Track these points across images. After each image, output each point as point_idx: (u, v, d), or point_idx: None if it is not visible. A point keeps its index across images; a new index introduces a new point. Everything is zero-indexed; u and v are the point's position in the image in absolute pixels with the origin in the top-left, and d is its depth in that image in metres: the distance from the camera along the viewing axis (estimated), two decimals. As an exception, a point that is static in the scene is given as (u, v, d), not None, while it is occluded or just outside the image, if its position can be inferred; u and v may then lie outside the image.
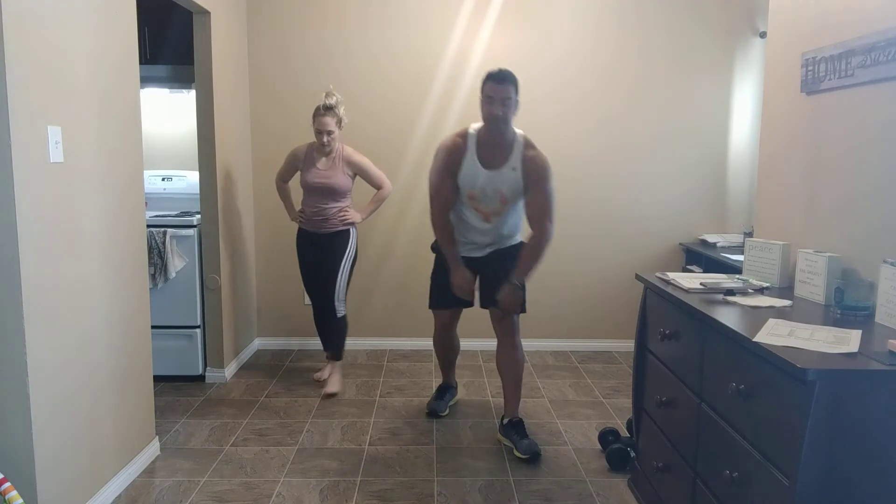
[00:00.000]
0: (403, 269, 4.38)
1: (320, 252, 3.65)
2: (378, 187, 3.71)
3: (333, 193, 3.58)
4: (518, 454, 2.89)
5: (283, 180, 3.78)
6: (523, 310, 3.03)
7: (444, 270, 3.09)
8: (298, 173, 3.67)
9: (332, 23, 4.20)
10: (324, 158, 3.60)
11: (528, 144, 2.88)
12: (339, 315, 3.63)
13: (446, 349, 3.41)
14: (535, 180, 2.84)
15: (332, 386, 3.62)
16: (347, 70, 4.22)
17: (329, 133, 3.51)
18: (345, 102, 3.60)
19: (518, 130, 2.89)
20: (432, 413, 3.33)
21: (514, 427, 2.99)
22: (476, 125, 2.92)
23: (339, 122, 3.56)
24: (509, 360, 3.05)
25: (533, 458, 2.85)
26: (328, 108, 3.51)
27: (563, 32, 4.24)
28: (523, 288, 2.93)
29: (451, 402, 3.46)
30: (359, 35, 4.21)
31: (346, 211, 3.64)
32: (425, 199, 4.27)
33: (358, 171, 3.66)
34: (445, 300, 3.18)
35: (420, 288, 4.38)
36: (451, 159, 2.92)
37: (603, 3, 4.22)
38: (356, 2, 4.19)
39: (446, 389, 3.46)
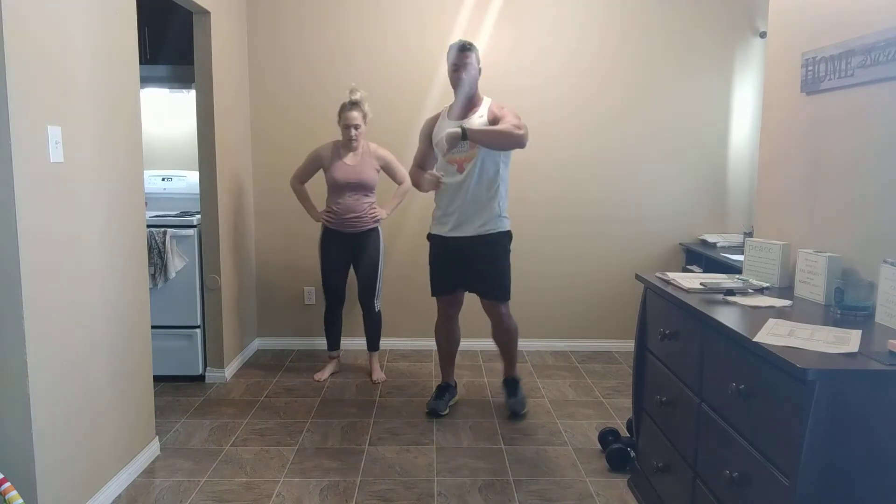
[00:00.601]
0: (403, 269, 4.38)
1: (351, 252, 3.76)
2: (400, 181, 3.76)
3: (364, 188, 3.67)
4: (508, 410, 3.34)
5: (300, 181, 3.77)
6: (507, 296, 3.27)
7: (439, 257, 3.30)
8: (320, 175, 3.74)
9: (333, 23, 4.20)
10: (351, 154, 3.67)
11: (496, 103, 3.20)
12: (377, 310, 3.88)
13: (448, 340, 3.46)
14: (502, 115, 3.08)
15: (379, 374, 3.89)
16: (347, 70, 4.22)
17: (356, 127, 3.59)
18: (369, 98, 3.66)
19: (487, 97, 3.22)
20: (432, 413, 3.33)
21: (507, 385, 3.43)
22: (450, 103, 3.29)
23: (365, 116, 3.63)
24: (502, 333, 3.38)
25: (513, 415, 3.29)
26: (354, 104, 3.58)
27: (563, 34, 4.24)
28: (465, 136, 2.97)
29: (452, 402, 3.46)
30: (359, 35, 4.21)
31: (375, 208, 3.72)
32: (425, 199, 4.32)
33: (383, 166, 3.73)
34: (446, 284, 3.33)
35: (420, 288, 4.39)
36: (426, 127, 3.33)
37: (603, 4, 4.22)
38: (356, 1, 4.19)
39: (446, 389, 3.46)
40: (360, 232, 3.69)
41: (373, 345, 3.94)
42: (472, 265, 3.21)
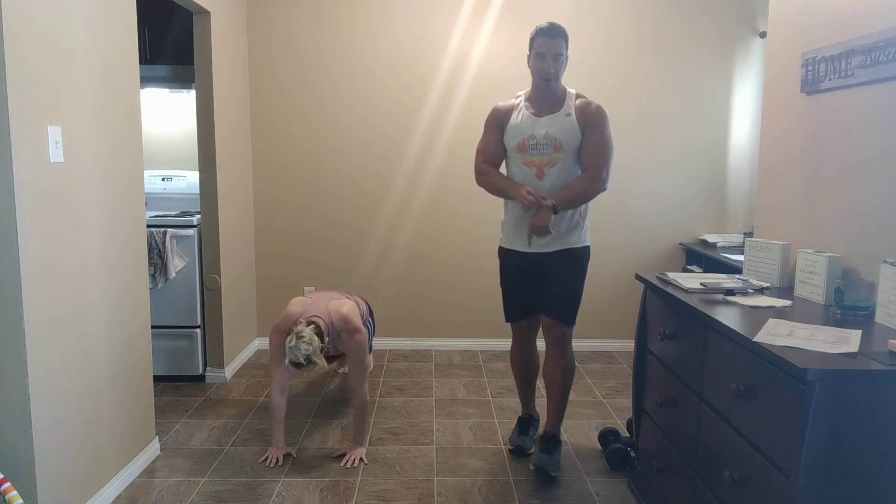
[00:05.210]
0: (403, 269, 4.38)
1: None
2: (352, 390, 2.91)
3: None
4: (531, 465, 2.79)
5: (278, 386, 2.86)
6: (573, 320, 2.82)
7: (516, 277, 2.85)
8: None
9: (333, 22, 4.20)
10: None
11: (580, 95, 2.78)
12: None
13: (526, 365, 3.03)
14: (592, 123, 2.70)
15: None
16: (348, 69, 4.22)
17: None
18: (313, 340, 2.71)
19: (569, 88, 2.80)
20: (518, 451, 2.93)
21: (545, 442, 2.83)
22: (525, 90, 2.85)
23: (323, 349, 2.81)
24: (555, 372, 2.84)
25: (539, 470, 2.72)
26: (302, 366, 2.74)
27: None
28: (554, 211, 2.62)
29: (535, 437, 3.04)
30: (360, 34, 4.21)
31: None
32: (425, 198, 4.34)
33: (347, 352, 2.95)
34: (524, 308, 2.89)
35: (420, 288, 4.40)
36: (497, 117, 2.82)
37: (602, 3, 4.22)
38: (357, 1, 4.19)
39: (529, 422, 3.05)
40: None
41: None
42: (548, 284, 2.76)
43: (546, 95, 2.74)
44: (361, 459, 2.84)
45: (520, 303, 2.90)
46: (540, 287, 2.80)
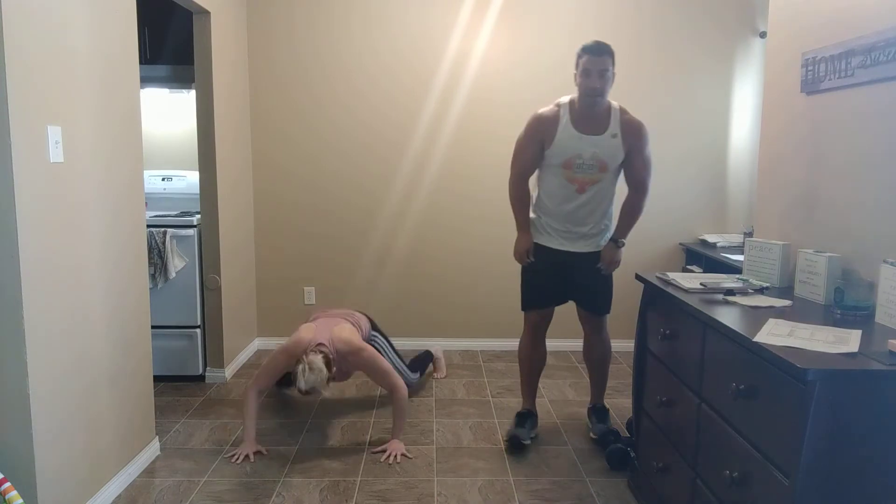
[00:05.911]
0: (403, 269, 4.38)
1: None
2: (390, 389, 3.05)
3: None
4: (591, 435, 3.11)
5: (258, 388, 2.99)
6: (609, 309, 3.10)
7: (542, 269, 2.98)
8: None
9: (333, 22, 4.20)
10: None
11: (624, 110, 2.89)
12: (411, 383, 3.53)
13: (533, 359, 3.13)
14: (636, 145, 2.87)
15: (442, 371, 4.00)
16: (349, 69, 4.22)
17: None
18: (322, 372, 2.82)
19: (613, 101, 2.89)
20: (513, 441, 2.94)
21: (596, 412, 3.17)
22: (567, 97, 2.90)
23: (330, 379, 2.92)
24: (599, 345, 3.15)
25: (601, 438, 3.00)
26: (306, 394, 2.88)
27: (562, 33, 4.23)
28: (622, 245, 2.97)
29: (533, 435, 3.08)
30: (360, 34, 4.21)
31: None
32: (426, 198, 4.34)
33: (363, 370, 3.16)
34: (545, 299, 3.05)
35: (420, 288, 4.40)
36: (541, 127, 2.86)
37: (602, 4, 4.22)
38: (357, 1, 4.19)
39: (528, 416, 3.09)
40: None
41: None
42: (580, 280, 2.98)
43: (592, 112, 2.83)
44: (404, 454, 2.92)
45: (545, 294, 3.05)
46: (570, 284, 3.01)
